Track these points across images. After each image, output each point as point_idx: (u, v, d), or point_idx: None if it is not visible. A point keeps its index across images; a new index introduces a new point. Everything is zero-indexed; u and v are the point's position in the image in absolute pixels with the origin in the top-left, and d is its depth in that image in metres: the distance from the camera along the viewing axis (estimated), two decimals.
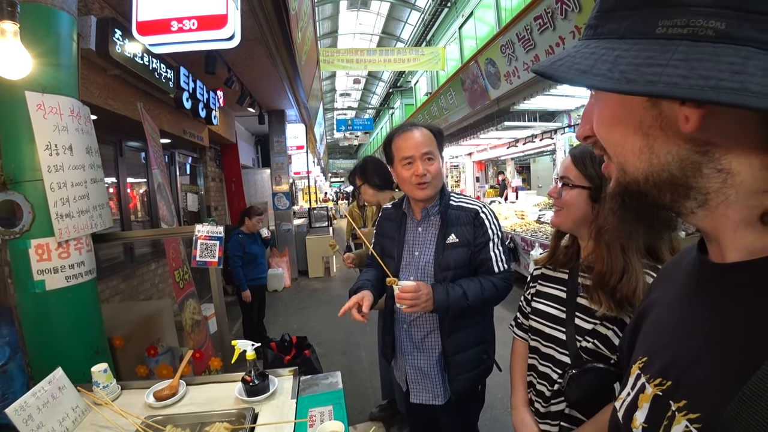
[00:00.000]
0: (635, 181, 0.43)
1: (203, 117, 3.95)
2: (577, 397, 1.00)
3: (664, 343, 0.49)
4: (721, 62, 0.32)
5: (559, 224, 1.11)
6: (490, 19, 9.63)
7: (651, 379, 0.48)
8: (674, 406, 0.42)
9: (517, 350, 1.31)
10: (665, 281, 0.58)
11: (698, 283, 0.47)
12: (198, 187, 5.91)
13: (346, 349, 4.05)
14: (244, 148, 7.76)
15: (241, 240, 3.89)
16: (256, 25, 3.36)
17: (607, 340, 0.99)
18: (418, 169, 1.46)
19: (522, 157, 11.16)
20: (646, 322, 0.57)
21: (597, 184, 1.02)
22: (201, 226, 2.03)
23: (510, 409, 1.25)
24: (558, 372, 1.08)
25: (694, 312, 0.46)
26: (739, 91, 0.31)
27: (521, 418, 1.18)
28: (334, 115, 23.73)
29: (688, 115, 0.36)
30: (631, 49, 0.36)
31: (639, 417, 0.47)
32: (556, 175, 2.26)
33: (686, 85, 0.32)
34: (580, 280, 1.09)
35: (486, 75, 6.56)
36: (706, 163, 0.38)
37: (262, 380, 1.43)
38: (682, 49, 0.34)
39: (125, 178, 3.90)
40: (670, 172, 0.40)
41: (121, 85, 3.16)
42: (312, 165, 12.33)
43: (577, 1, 4.06)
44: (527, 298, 1.27)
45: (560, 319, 1.10)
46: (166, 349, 2.07)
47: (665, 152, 0.39)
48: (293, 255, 7.27)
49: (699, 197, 0.40)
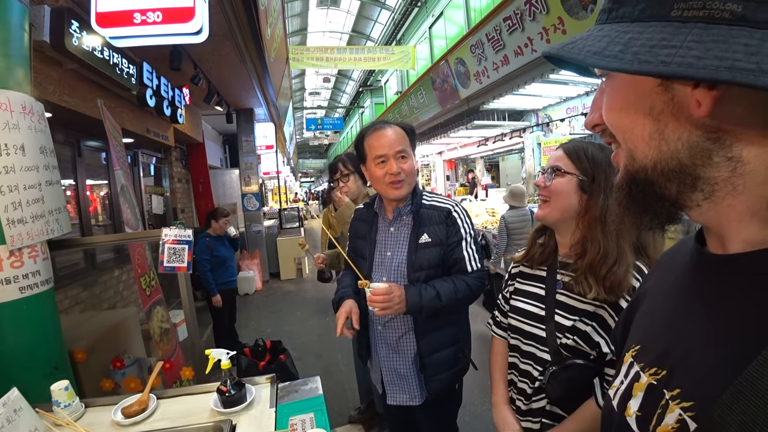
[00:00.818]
0: (643, 168, 0.42)
1: (168, 115, 3.76)
2: (558, 393, 1.01)
3: (658, 333, 0.49)
4: (737, 44, 0.32)
5: (544, 216, 1.10)
6: (460, 19, 9.74)
7: (646, 368, 0.48)
8: (668, 394, 0.43)
9: (496, 348, 1.31)
10: (660, 272, 0.59)
11: (696, 274, 0.48)
12: (163, 188, 5.67)
13: (321, 351, 4.00)
14: (212, 147, 7.54)
15: (209, 243, 3.78)
16: (224, 20, 3.24)
17: (586, 336, 1.00)
18: (392, 167, 1.44)
19: (491, 156, 11.39)
20: (640, 311, 0.58)
21: (589, 175, 1.02)
22: (168, 229, 1.95)
23: (490, 406, 1.25)
24: (539, 369, 1.08)
25: (690, 302, 0.46)
26: (755, 71, 0.31)
27: (502, 415, 1.18)
28: (303, 114, 23.44)
29: (701, 99, 0.36)
30: (645, 32, 0.36)
31: (633, 405, 0.48)
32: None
33: (701, 65, 0.32)
34: (559, 277, 1.10)
35: (456, 74, 6.62)
36: (717, 150, 0.38)
37: (238, 390, 1.37)
38: (696, 31, 0.34)
39: (84, 180, 3.68)
40: (679, 160, 0.39)
41: (78, 80, 2.97)
42: (282, 165, 12.12)
43: (545, 3, 4.14)
44: (505, 297, 1.27)
45: (540, 317, 1.10)
46: (133, 361, 1.96)
47: (675, 138, 0.39)
48: (264, 257, 7.13)
49: (706, 188, 0.39)
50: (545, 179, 1.07)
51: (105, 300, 3.69)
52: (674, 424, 0.41)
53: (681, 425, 0.40)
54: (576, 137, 6.30)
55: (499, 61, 5.37)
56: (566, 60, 0.42)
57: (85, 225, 3.64)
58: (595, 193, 1.02)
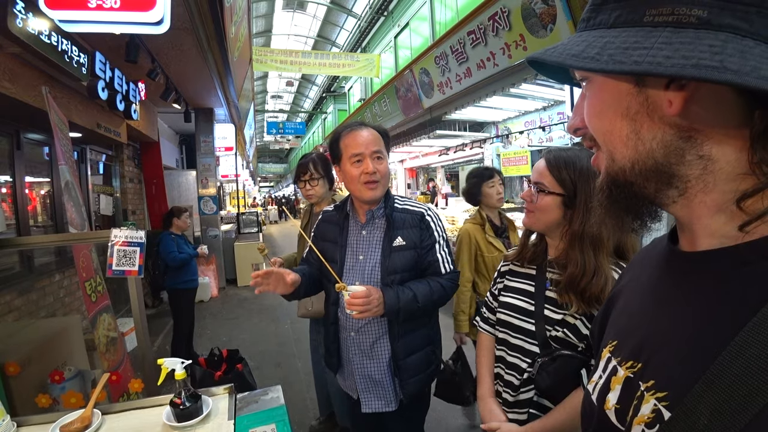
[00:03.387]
0: (622, 169, 0.45)
1: (121, 110, 3.53)
2: (547, 383, 1.04)
3: (634, 328, 0.52)
4: (702, 44, 0.35)
5: (530, 225, 1.17)
6: (425, 30, 9.93)
7: (622, 362, 0.50)
8: (643, 386, 0.45)
9: (483, 343, 1.33)
10: (634, 270, 0.62)
11: (667, 272, 0.50)
12: (113, 188, 5.34)
13: (280, 360, 3.88)
14: (167, 147, 7.19)
15: (174, 239, 3.65)
16: (186, 13, 3.09)
17: (575, 329, 1.05)
18: (368, 166, 1.44)
19: (451, 165, 11.63)
20: (616, 308, 0.60)
21: (570, 191, 1.06)
22: (119, 230, 1.82)
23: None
24: (527, 361, 1.12)
25: (663, 298, 0.49)
26: (719, 69, 0.34)
27: (489, 408, 1.19)
28: (264, 117, 23.00)
29: (672, 99, 0.39)
30: (619, 36, 0.40)
31: (612, 398, 0.50)
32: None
33: (669, 63, 0.35)
34: (549, 275, 1.14)
35: (420, 84, 6.72)
36: (689, 149, 0.41)
37: (193, 402, 1.29)
38: (666, 34, 0.37)
39: (23, 177, 3.39)
40: (655, 159, 0.42)
41: (21, 66, 2.74)
42: (241, 168, 11.80)
43: (508, 20, 4.29)
44: (494, 293, 1.31)
45: (529, 312, 1.14)
46: (75, 373, 1.80)
47: (650, 138, 0.42)
48: (221, 262, 6.87)
49: (680, 185, 0.42)
50: (532, 194, 1.12)
51: (43, 307, 3.40)
52: (650, 414, 0.43)
53: (656, 414, 0.42)
54: (533, 149, 6.55)
55: (462, 73, 5.50)
56: (548, 63, 0.45)
57: (23, 225, 3.34)
58: (576, 209, 1.06)
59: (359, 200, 1.52)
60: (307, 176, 2.25)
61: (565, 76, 0.54)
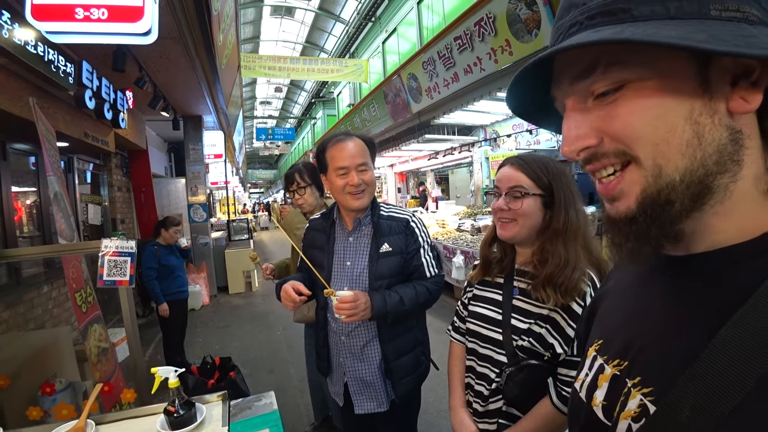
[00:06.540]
0: (670, 184, 0.40)
1: (109, 119, 3.51)
2: (515, 393, 1.04)
3: (619, 327, 0.53)
4: None
5: (513, 236, 1.11)
6: (413, 36, 9.99)
7: (609, 360, 0.52)
8: (630, 383, 0.46)
9: (455, 353, 1.34)
10: (620, 272, 0.62)
11: (652, 274, 0.51)
12: (101, 197, 5.28)
13: (273, 367, 3.87)
14: (156, 155, 7.14)
15: (157, 251, 3.57)
16: (174, 22, 3.10)
17: (541, 337, 1.05)
18: (353, 179, 1.48)
19: (441, 169, 11.70)
20: (601, 309, 0.61)
21: (549, 191, 1.08)
22: (109, 240, 1.83)
23: (448, 411, 1.28)
24: (496, 371, 1.12)
25: (648, 299, 0.50)
26: None
27: (459, 418, 1.20)
28: (253, 124, 22.90)
29: (744, 95, 0.38)
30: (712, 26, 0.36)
31: (599, 395, 0.51)
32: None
33: None
34: (516, 284, 1.14)
35: (408, 89, 6.76)
36: (733, 154, 0.39)
37: (187, 409, 1.30)
38: (751, 28, 0.36)
39: (9, 187, 3.35)
40: (706, 169, 0.39)
41: (8, 77, 2.72)
42: (230, 175, 11.74)
43: (494, 26, 4.35)
44: (464, 302, 1.31)
45: (497, 321, 1.14)
46: (66, 385, 1.79)
47: (710, 141, 0.39)
48: (211, 270, 6.81)
49: (707, 199, 0.40)
50: (506, 202, 1.09)
51: (31, 319, 3.35)
52: (636, 408, 0.44)
53: (642, 409, 0.43)
54: (522, 152, 6.61)
55: (450, 78, 5.55)
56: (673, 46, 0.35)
57: (9, 236, 3.29)
58: (556, 208, 1.08)
59: (346, 209, 1.56)
60: (294, 186, 2.29)
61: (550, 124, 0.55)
